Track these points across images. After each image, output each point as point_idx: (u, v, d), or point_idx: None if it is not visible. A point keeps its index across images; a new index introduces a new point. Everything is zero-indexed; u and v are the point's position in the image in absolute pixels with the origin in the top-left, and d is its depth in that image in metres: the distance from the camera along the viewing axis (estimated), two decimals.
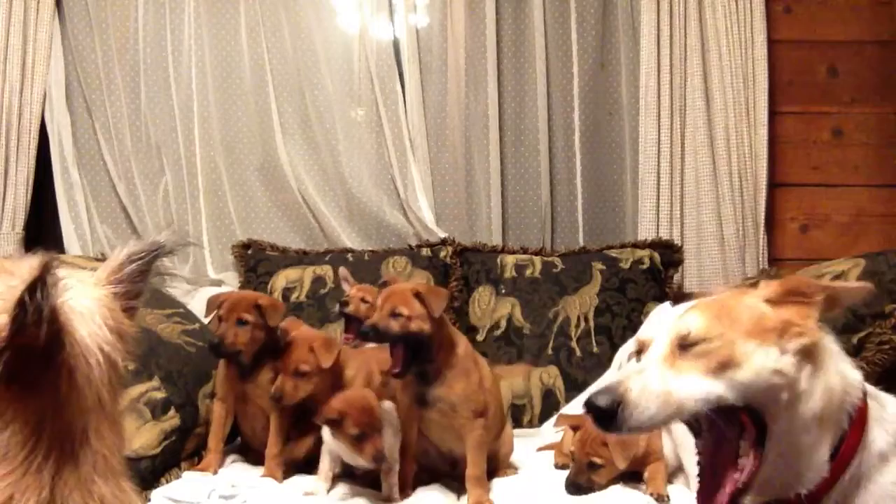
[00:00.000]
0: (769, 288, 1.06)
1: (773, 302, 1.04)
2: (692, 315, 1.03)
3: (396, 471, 1.92)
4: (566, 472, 2.07)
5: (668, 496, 1.85)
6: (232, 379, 2.13)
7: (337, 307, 2.43)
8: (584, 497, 1.89)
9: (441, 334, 1.90)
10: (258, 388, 2.09)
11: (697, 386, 0.97)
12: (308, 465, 2.06)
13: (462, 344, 1.96)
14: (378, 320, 1.85)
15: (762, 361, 0.99)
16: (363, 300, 2.33)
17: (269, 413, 2.08)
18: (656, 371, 0.99)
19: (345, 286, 2.47)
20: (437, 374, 1.88)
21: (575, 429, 1.94)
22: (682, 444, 1.88)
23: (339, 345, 2.12)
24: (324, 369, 1.99)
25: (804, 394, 1.00)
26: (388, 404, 1.96)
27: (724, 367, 0.98)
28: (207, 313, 2.20)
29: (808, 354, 1.02)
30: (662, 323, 1.05)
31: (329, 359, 1.99)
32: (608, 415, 0.96)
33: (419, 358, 1.87)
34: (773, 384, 0.99)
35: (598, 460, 1.85)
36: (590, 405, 0.98)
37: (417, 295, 1.86)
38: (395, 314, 1.84)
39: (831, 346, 1.07)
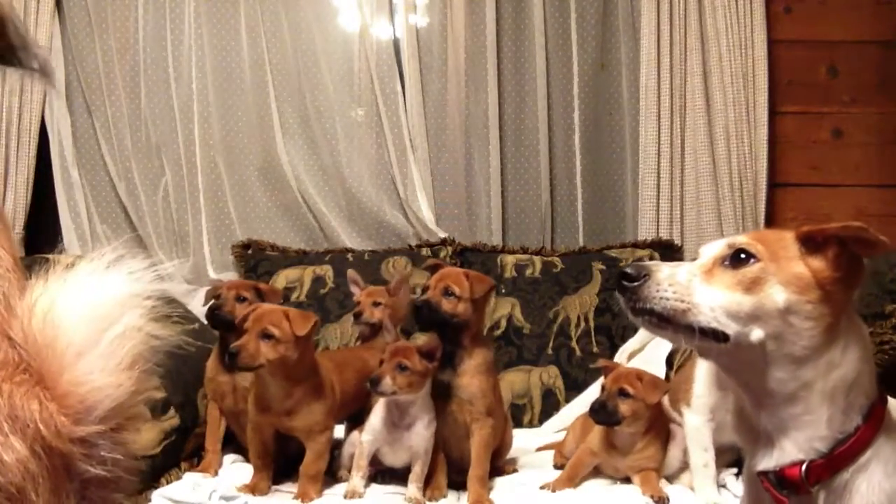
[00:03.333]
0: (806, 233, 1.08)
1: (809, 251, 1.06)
2: (741, 237, 1.08)
3: (426, 470, 1.91)
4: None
5: (667, 497, 1.85)
6: (219, 374, 2.13)
7: (352, 320, 2.32)
8: (584, 497, 1.89)
9: (476, 321, 1.95)
10: (245, 380, 2.07)
11: (718, 296, 1.02)
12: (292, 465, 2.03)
13: (491, 349, 2.03)
14: (432, 297, 1.89)
15: (785, 296, 1.01)
16: (375, 303, 2.27)
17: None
18: (689, 271, 1.04)
19: (353, 289, 2.36)
20: (461, 361, 1.92)
21: (608, 371, 1.96)
22: (692, 439, 1.89)
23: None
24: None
25: (812, 349, 1.02)
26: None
27: (752, 287, 1.02)
28: (205, 302, 2.21)
29: (832, 317, 1.02)
30: (714, 245, 1.10)
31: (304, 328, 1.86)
32: (631, 280, 1.02)
33: (450, 339, 1.91)
34: (786, 321, 1.01)
35: (629, 389, 1.85)
36: (620, 271, 1.05)
37: (467, 276, 1.93)
38: (448, 293, 1.89)
39: (860, 327, 1.07)
